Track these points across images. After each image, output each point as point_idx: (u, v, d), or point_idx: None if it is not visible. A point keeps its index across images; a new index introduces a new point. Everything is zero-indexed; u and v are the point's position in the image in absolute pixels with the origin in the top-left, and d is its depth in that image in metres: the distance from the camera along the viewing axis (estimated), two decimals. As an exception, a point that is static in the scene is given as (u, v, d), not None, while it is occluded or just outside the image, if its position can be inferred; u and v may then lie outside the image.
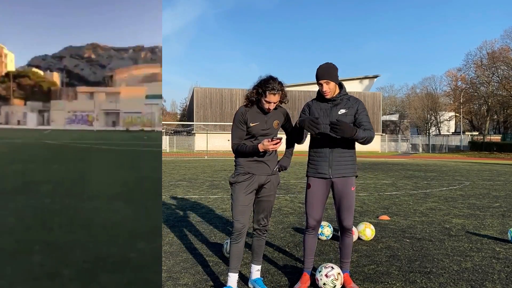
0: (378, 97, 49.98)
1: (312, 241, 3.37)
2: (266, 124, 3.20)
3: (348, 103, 3.23)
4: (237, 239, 3.16)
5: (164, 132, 45.42)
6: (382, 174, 14.70)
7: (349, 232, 3.33)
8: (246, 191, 3.15)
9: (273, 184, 3.28)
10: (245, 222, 3.15)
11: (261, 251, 3.37)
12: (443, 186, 10.78)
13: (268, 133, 3.21)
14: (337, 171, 3.20)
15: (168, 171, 15.57)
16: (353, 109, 3.21)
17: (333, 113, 3.20)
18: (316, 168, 3.26)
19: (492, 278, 3.52)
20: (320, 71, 3.18)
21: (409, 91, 76.67)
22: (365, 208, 7.20)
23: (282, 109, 3.35)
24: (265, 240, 3.39)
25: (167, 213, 6.53)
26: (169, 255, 4.19)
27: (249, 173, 3.17)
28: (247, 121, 3.18)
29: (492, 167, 19.69)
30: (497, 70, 51.71)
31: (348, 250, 3.38)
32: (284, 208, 7.10)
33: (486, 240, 4.88)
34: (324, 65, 3.21)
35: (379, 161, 26.00)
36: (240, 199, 3.15)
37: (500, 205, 7.62)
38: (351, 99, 3.27)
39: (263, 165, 3.20)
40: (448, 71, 65.67)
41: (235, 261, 3.18)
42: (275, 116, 3.26)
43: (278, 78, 3.13)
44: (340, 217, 3.28)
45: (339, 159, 3.20)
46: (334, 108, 3.22)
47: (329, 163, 3.20)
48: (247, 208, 3.16)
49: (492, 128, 62.35)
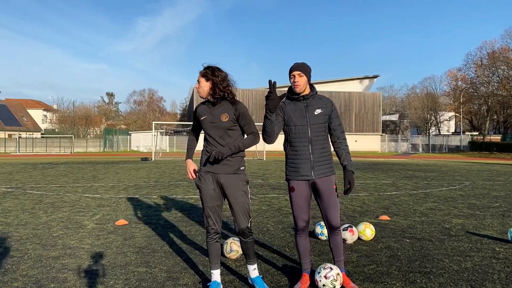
0: (378, 97, 49.95)
1: (304, 242, 3.34)
2: (213, 116, 3.15)
3: (322, 103, 3.24)
4: (212, 238, 3.21)
5: (164, 132, 45.38)
6: (382, 174, 14.69)
7: (338, 230, 3.29)
8: (209, 190, 3.15)
9: (237, 184, 3.15)
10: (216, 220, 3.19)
11: (251, 253, 3.28)
12: (443, 186, 10.77)
13: (216, 126, 3.14)
14: (319, 171, 3.18)
15: (168, 171, 15.56)
16: (327, 108, 3.23)
17: (310, 113, 3.19)
18: (298, 170, 3.21)
19: (492, 278, 3.52)
20: (295, 65, 3.21)
21: (409, 91, 76.81)
22: (365, 208, 7.20)
23: (236, 103, 3.19)
24: (252, 243, 3.26)
25: (167, 213, 6.53)
26: (169, 255, 4.19)
27: (209, 172, 3.17)
28: (198, 116, 3.25)
29: (492, 167, 19.68)
30: (497, 70, 51.70)
31: (339, 248, 3.33)
32: (284, 208, 7.10)
33: (486, 240, 4.88)
34: (299, 62, 3.25)
35: (379, 161, 25.99)
36: (204, 198, 3.18)
37: (500, 205, 7.62)
38: (324, 98, 3.27)
39: (222, 163, 3.14)
40: (448, 71, 65.59)
41: (213, 259, 3.23)
42: (223, 109, 3.16)
43: (219, 68, 3.19)
44: (328, 216, 3.23)
45: (320, 159, 3.19)
46: (310, 108, 3.20)
47: (311, 164, 3.17)
48: (215, 207, 3.17)
49: (492, 128, 62.32)
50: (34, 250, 4.34)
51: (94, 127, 69.12)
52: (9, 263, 3.90)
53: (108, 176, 13.52)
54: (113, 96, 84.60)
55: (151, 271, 3.69)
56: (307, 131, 3.17)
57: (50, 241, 4.72)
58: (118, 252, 4.29)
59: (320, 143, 3.20)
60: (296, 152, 3.22)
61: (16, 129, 59.04)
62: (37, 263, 3.90)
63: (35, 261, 3.95)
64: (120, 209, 6.88)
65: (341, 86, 52.45)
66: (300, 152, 3.20)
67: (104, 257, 4.11)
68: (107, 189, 9.83)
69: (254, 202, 7.73)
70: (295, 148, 3.23)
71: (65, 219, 6.05)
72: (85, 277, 3.51)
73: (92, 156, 34.83)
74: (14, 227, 5.47)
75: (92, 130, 68.04)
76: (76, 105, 69.08)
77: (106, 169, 16.68)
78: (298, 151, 3.21)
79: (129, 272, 3.64)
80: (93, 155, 37.79)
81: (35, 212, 6.58)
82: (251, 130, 3.23)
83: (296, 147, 3.22)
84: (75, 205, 7.35)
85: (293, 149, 3.24)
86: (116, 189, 9.74)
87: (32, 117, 70.61)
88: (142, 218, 6.12)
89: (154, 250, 4.37)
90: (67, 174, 14.10)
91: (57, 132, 59.10)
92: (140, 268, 3.77)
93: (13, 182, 11.49)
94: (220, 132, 3.14)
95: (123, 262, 3.95)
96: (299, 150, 3.21)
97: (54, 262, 3.93)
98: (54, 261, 3.96)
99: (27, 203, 7.57)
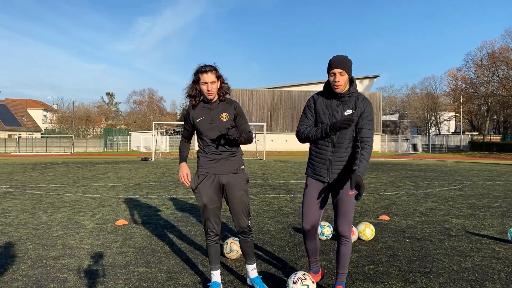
0: (378, 97, 49.97)
1: (311, 244, 3.21)
2: (212, 116, 3.08)
3: (357, 103, 2.96)
4: (212, 240, 3.19)
5: (164, 132, 45.37)
6: (382, 174, 14.69)
7: (345, 240, 3.05)
8: (209, 192, 3.11)
9: (238, 183, 3.13)
10: (216, 223, 3.16)
11: (250, 252, 3.26)
12: (443, 186, 10.77)
13: (216, 126, 3.07)
14: (335, 175, 3.02)
15: (168, 171, 15.57)
16: (360, 109, 2.95)
17: (339, 113, 2.96)
18: (314, 169, 3.10)
19: (492, 278, 3.52)
20: (335, 60, 2.88)
21: (409, 91, 76.88)
22: (365, 208, 7.20)
23: (234, 102, 3.17)
24: (251, 241, 3.25)
25: (167, 213, 6.53)
26: (169, 255, 4.19)
27: (209, 174, 3.13)
28: (193, 120, 3.14)
29: (492, 167, 19.67)
30: (497, 70, 51.71)
31: (344, 260, 3.06)
32: (284, 208, 7.10)
33: (486, 240, 4.88)
34: (340, 55, 2.92)
35: (379, 161, 25.98)
36: (204, 201, 3.13)
37: (500, 205, 7.62)
38: (360, 98, 2.98)
39: (223, 163, 3.11)
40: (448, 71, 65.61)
41: (213, 260, 3.22)
42: (222, 108, 3.11)
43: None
44: (336, 221, 3.08)
45: (339, 163, 3.00)
46: (341, 107, 2.96)
47: (328, 166, 3.02)
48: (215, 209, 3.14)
49: (492, 128, 62.32)
50: (34, 250, 4.33)
51: (94, 127, 69.16)
52: (9, 263, 3.90)
53: (108, 176, 13.52)
54: (113, 96, 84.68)
55: (151, 271, 3.69)
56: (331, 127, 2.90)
57: (50, 241, 4.72)
58: (118, 252, 4.29)
59: (344, 147, 2.98)
60: (317, 151, 3.07)
61: (16, 129, 59.03)
62: (37, 263, 3.90)
63: (35, 261, 3.95)
64: (120, 209, 6.88)
65: (341, 86, 52.35)
66: (321, 152, 3.05)
67: (104, 257, 4.11)
68: (107, 189, 9.83)
69: (254, 202, 7.72)
70: (317, 147, 3.07)
71: (65, 219, 6.05)
72: (85, 277, 3.51)
73: (92, 156, 34.84)
74: (14, 227, 5.47)
75: (92, 130, 68.07)
76: (76, 105, 69.11)
77: (106, 169, 16.68)
78: (319, 151, 3.06)
79: (129, 272, 3.64)
80: (93, 155, 37.79)
81: (35, 212, 6.58)
82: (247, 130, 3.20)
83: (318, 146, 3.06)
84: (75, 205, 7.35)
85: (316, 148, 3.09)
86: (116, 189, 9.73)
87: (32, 117, 70.61)
88: (142, 218, 6.12)
89: (154, 250, 4.37)
90: (67, 174, 14.10)
91: (57, 132, 59.10)
92: (140, 268, 3.77)
93: (13, 182, 11.49)
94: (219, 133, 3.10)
95: (123, 262, 3.95)
96: (320, 150, 3.05)
97: (54, 262, 3.93)
98: (54, 261, 3.96)
99: (27, 203, 7.57)
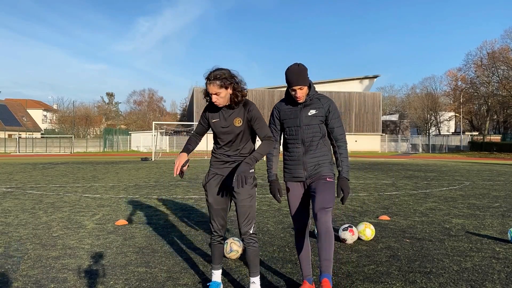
0: (378, 97, 49.96)
1: (301, 245, 3.16)
2: (226, 121, 3.00)
3: (319, 103, 3.05)
4: (215, 240, 3.17)
5: (164, 132, 45.38)
6: (382, 174, 14.69)
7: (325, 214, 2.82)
8: (214, 193, 3.09)
9: (245, 187, 3.02)
10: (220, 224, 3.13)
11: (252, 262, 3.02)
12: (443, 186, 10.77)
13: (228, 131, 3.00)
14: (311, 172, 3.05)
15: (168, 171, 15.56)
16: (323, 109, 3.02)
17: (303, 114, 3.03)
18: (291, 172, 3.13)
19: (492, 278, 3.51)
20: (293, 77, 2.91)
21: (409, 91, 76.89)
22: (365, 208, 7.20)
23: (248, 105, 3.01)
24: (255, 249, 3.02)
25: (167, 213, 6.53)
26: (169, 255, 4.19)
27: (217, 174, 3.11)
28: (208, 117, 3.08)
29: (492, 167, 19.67)
30: (497, 70, 51.71)
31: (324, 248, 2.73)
32: (284, 208, 7.10)
33: (486, 240, 4.88)
34: (294, 69, 2.92)
35: (379, 161, 25.98)
36: (210, 200, 3.12)
37: (500, 205, 7.62)
38: (322, 99, 3.07)
39: (230, 166, 3.07)
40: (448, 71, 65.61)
41: (215, 259, 3.20)
42: (236, 113, 2.99)
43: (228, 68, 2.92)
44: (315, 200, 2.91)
45: (313, 161, 3.03)
46: (305, 109, 3.04)
47: (303, 165, 3.06)
48: (220, 210, 3.12)
49: (492, 128, 62.31)
50: (34, 250, 4.33)
51: (94, 127, 69.16)
52: (9, 263, 3.90)
53: (108, 176, 13.52)
54: (113, 96, 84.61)
55: (151, 271, 3.69)
56: (299, 133, 3.04)
57: (50, 241, 4.72)
58: (118, 252, 4.29)
59: (315, 144, 3.04)
60: (289, 153, 3.13)
61: (16, 129, 59.04)
62: (37, 263, 3.90)
63: (35, 261, 3.95)
64: (120, 209, 6.88)
65: (341, 86, 52.44)
66: (293, 154, 3.10)
67: (104, 257, 4.11)
68: (107, 189, 9.83)
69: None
70: (288, 150, 3.14)
71: (65, 219, 6.05)
72: (85, 277, 3.51)
73: (92, 156, 34.84)
74: (14, 227, 5.47)
75: (92, 130, 68.07)
76: (76, 105, 69.15)
77: (106, 169, 16.68)
78: (291, 153, 3.11)
79: (129, 272, 3.64)
80: (93, 155, 37.78)
81: (35, 212, 6.58)
82: (264, 134, 2.97)
83: (289, 149, 3.13)
84: (75, 205, 7.35)
85: (287, 152, 3.15)
86: (116, 189, 9.74)
87: (32, 117, 70.61)
88: (142, 218, 6.12)
89: (154, 250, 4.37)
90: (67, 174, 14.10)
91: (57, 132, 59.12)
92: (140, 268, 3.77)
93: (13, 182, 11.49)
94: (231, 137, 3.02)
95: (123, 262, 3.95)
96: (292, 151, 3.11)
97: (54, 262, 3.93)
98: (54, 261, 3.96)
99: (27, 203, 7.57)
